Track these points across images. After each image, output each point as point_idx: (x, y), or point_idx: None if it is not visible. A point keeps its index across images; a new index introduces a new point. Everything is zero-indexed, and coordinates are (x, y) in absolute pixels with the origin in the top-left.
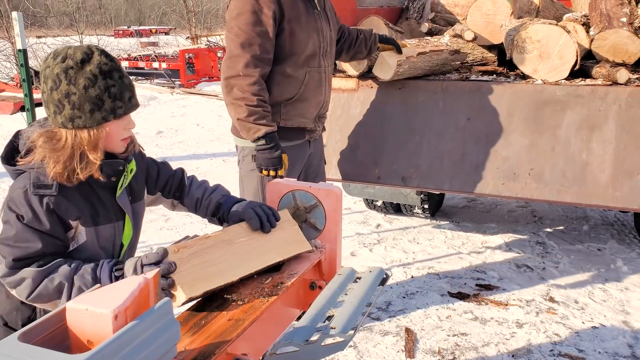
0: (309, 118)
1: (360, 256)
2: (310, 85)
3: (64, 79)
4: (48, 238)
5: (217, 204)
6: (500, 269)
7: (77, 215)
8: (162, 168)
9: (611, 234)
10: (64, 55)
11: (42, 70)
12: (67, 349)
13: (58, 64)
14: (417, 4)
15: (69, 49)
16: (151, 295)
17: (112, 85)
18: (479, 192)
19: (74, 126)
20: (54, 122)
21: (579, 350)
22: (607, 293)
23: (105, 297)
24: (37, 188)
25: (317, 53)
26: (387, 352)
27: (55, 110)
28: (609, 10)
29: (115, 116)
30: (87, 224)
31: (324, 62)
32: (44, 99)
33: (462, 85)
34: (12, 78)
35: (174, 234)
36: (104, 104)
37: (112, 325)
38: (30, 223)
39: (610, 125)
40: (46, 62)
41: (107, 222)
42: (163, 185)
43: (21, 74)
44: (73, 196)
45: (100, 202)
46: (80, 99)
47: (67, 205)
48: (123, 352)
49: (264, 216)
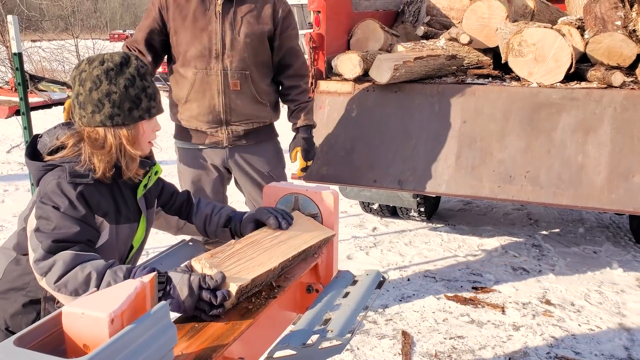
0: (202, 121)
1: (357, 259)
2: (197, 87)
3: (104, 79)
4: (84, 225)
5: (227, 217)
6: (496, 272)
7: (104, 211)
8: (166, 184)
9: (607, 236)
10: (101, 60)
11: (77, 75)
12: (63, 353)
13: (97, 67)
14: (413, 8)
15: (104, 55)
16: (148, 299)
17: (148, 86)
18: (475, 195)
19: (113, 124)
20: (90, 122)
21: (575, 353)
22: (602, 295)
23: (101, 301)
24: (73, 177)
25: (206, 55)
26: (384, 355)
27: (94, 109)
28: (603, 14)
29: (150, 115)
30: (110, 221)
31: (217, 65)
32: (79, 101)
33: (458, 88)
34: (7, 82)
35: (170, 237)
36: (141, 102)
37: (109, 329)
38: (67, 211)
39: (606, 128)
40: (79, 67)
41: (126, 222)
42: (166, 200)
43: (16, 77)
44: (104, 191)
45: (123, 201)
46: (120, 97)
47: (99, 199)
48: (119, 356)
49: (279, 215)
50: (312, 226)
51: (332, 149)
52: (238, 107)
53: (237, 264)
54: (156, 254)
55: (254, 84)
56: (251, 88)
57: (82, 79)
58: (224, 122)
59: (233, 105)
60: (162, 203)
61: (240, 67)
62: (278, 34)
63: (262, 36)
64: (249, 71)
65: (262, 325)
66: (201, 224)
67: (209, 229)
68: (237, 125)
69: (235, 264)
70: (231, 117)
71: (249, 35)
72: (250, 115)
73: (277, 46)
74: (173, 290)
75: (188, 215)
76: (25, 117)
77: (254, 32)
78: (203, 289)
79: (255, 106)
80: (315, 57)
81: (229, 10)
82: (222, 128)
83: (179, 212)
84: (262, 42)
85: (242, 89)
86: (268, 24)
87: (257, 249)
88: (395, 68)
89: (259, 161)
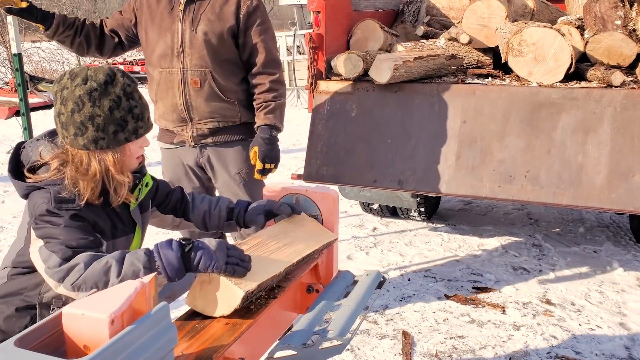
0: (168, 120)
1: (357, 259)
2: (162, 86)
3: (87, 100)
4: (90, 233)
5: (228, 210)
6: (496, 272)
7: (100, 230)
8: (161, 183)
9: (607, 236)
10: (84, 77)
11: (58, 91)
12: (63, 354)
13: (79, 85)
14: (413, 8)
15: (88, 70)
16: (148, 299)
17: (135, 106)
18: (475, 195)
19: (97, 147)
20: (73, 144)
21: (575, 352)
22: (603, 295)
23: (101, 301)
24: (59, 203)
25: (169, 54)
26: (384, 355)
27: (77, 132)
28: (603, 13)
29: (137, 136)
30: (107, 238)
31: (179, 64)
32: (61, 121)
33: (458, 88)
34: (7, 82)
35: (170, 237)
36: (127, 124)
37: (109, 330)
38: (69, 224)
39: (606, 127)
40: (61, 82)
41: (122, 235)
42: (162, 200)
43: (16, 78)
44: (96, 210)
45: (117, 216)
46: (105, 120)
47: (94, 219)
48: (120, 357)
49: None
50: (315, 229)
51: (332, 149)
52: (199, 105)
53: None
54: None
55: (216, 81)
56: (212, 86)
57: (64, 97)
58: (187, 120)
59: (194, 103)
60: (158, 203)
61: (199, 64)
62: (242, 31)
63: (223, 34)
64: (210, 69)
65: (263, 325)
66: (200, 220)
67: (210, 224)
68: (201, 124)
69: None
70: (194, 116)
71: (206, 33)
72: (215, 113)
73: (242, 43)
74: (202, 244)
75: (184, 212)
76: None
77: (213, 30)
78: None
79: (219, 104)
80: (314, 57)
81: (190, 9)
82: (186, 127)
83: (174, 210)
84: (222, 40)
85: (203, 86)
86: (230, 21)
87: (262, 251)
88: (395, 68)
89: (228, 161)
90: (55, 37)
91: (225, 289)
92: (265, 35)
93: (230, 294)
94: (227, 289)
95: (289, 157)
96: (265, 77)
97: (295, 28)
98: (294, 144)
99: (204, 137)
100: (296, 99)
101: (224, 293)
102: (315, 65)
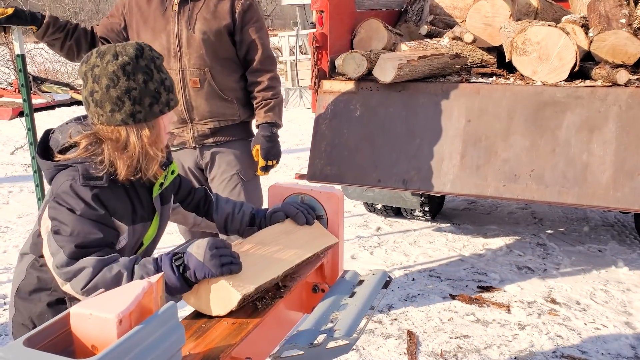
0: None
1: (361, 259)
2: None
3: (122, 75)
4: (103, 227)
5: (251, 215)
6: (501, 271)
7: (121, 214)
8: (184, 180)
9: (612, 235)
10: (113, 53)
11: (88, 71)
12: (71, 354)
13: (110, 61)
14: (416, 7)
15: (115, 47)
16: (155, 299)
17: (165, 78)
18: (480, 194)
19: (135, 121)
20: (110, 121)
21: (581, 352)
22: (608, 294)
23: (109, 301)
24: (87, 179)
25: (165, 54)
26: (389, 355)
27: (114, 108)
28: (607, 12)
29: (169, 108)
30: (127, 223)
31: (176, 64)
32: (95, 99)
33: (462, 87)
34: (10, 83)
35: (174, 238)
36: (160, 96)
37: (117, 329)
38: (84, 214)
39: (611, 126)
40: (89, 62)
41: (141, 221)
42: (184, 197)
43: (19, 79)
44: (119, 193)
45: (139, 201)
46: (140, 93)
47: (115, 202)
48: (127, 357)
49: (305, 211)
50: (317, 231)
51: (336, 148)
52: (200, 105)
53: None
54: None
55: (215, 80)
56: (212, 85)
57: (96, 75)
58: (188, 121)
59: (194, 103)
60: (181, 199)
61: (199, 64)
62: (238, 29)
63: (220, 32)
64: (209, 68)
65: (269, 325)
66: (222, 221)
67: (231, 227)
68: (202, 124)
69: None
70: (195, 116)
71: (204, 32)
72: (215, 113)
73: (238, 41)
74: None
75: (207, 212)
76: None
77: (211, 28)
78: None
79: (219, 104)
80: (318, 56)
81: (185, 9)
82: (187, 128)
83: (196, 208)
84: (220, 38)
85: (202, 86)
86: (226, 18)
87: (263, 251)
88: (399, 67)
89: (228, 160)
90: (45, 38)
91: (222, 290)
92: (261, 32)
93: (227, 296)
94: (224, 290)
95: (292, 157)
96: (263, 74)
97: (297, 28)
98: (297, 144)
99: (204, 138)
100: (299, 98)
101: (221, 294)
102: (319, 65)
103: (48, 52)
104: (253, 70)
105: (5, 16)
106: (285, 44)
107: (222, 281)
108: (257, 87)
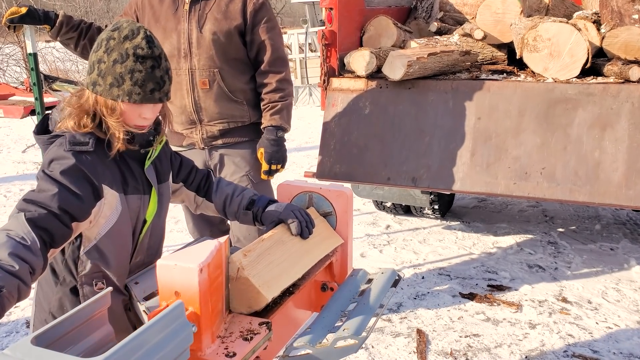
0: (177, 122)
1: (370, 257)
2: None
3: (103, 46)
4: (66, 193)
5: (250, 200)
6: (511, 269)
7: (109, 179)
8: (184, 159)
9: (624, 233)
10: (117, 26)
11: (105, 40)
12: (80, 351)
13: (108, 31)
14: (426, 4)
15: (127, 22)
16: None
17: (139, 70)
18: (490, 192)
19: (94, 91)
20: (104, 93)
21: (593, 351)
22: (620, 293)
23: (190, 254)
24: (73, 145)
25: (176, 54)
26: (399, 353)
27: (89, 70)
28: (620, 8)
29: (130, 100)
30: (118, 190)
31: (185, 65)
32: (99, 68)
33: (472, 84)
34: (22, 82)
35: (183, 235)
36: (123, 83)
37: (198, 277)
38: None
39: (623, 123)
40: (109, 33)
41: (135, 192)
42: (186, 176)
43: (31, 77)
44: (107, 161)
45: (130, 172)
46: (107, 69)
47: (103, 168)
48: (136, 355)
49: (303, 222)
50: (326, 232)
51: (345, 146)
52: (209, 106)
53: (268, 269)
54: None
55: (225, 81)
56: (222, 86)
57: (110, 47)
58: (197, 122)
59: (203, 104)
60: (183, 178)
61: (208, 65)
62: (249, 29)
63: (231, 32)
64: (218, 69)
65: (278, 323)
66: (221, 202)
67: (229, 209)
68: (211, 125)
69: (266, 267)
70: (203, 117)
71: (215, 32)
72: (224, 114)
73: (249, 41)
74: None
75: (207, 192)
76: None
77: (221, 29)
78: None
79: (228, 105)
80: (327, 54)
81: (196, 8)
82: (196, 129)
83: (197, 188)
84: (230, 38)
85: (212, 87)
86: (237, 19)
87: (282, 252)
88: (409, 64)
89: (237, 162)
90: (59, 37)
91: (250, 290)
92: (272, 32)
93: (254, 297)
94: (252, 291)
95: (301, 155)
96: (272, 76)
97: (307, 25)
98: (306, 142)
99: (214, 139)
100: (308, 96)
101: (248, 294)
102: (328, 63)
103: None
104: (262, 71)
105: (19, 15)
106: (294, 41)
107: (251, 281)
108: (265, 89)
